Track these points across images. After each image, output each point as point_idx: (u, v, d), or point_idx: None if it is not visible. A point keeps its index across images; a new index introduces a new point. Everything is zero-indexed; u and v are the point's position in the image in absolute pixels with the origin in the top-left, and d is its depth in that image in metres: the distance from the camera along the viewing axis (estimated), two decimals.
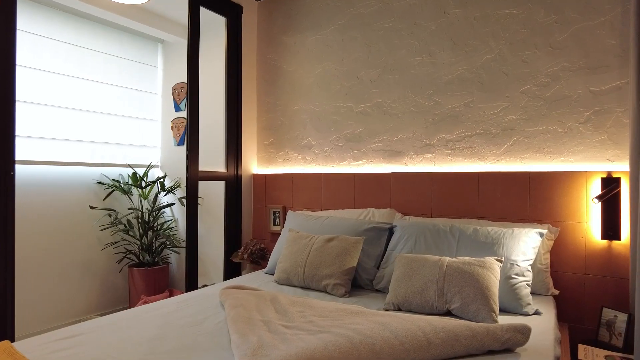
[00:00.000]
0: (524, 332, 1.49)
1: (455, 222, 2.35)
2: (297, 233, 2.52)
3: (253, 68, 3.45)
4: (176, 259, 3.88)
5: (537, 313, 1.90)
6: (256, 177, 3.42)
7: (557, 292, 2.14)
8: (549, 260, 2.17)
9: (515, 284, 1.95)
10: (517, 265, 2.00)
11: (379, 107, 2.89)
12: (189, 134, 2.89)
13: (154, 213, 3.69)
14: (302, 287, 2.32)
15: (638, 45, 1.85)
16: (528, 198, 2.34)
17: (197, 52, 2.93)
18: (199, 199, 3.60)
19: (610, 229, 2.10)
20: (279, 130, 3.36)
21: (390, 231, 2.48)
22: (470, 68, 2.56)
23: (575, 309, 2.19)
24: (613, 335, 1.93)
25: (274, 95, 3.38)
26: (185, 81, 3.77)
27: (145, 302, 3.25)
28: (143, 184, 3.63)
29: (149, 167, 3.85)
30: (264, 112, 3.44)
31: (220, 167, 3.34)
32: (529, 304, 1.92)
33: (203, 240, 3.70)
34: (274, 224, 3.29)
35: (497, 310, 1.78)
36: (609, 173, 2.14)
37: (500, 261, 1.96)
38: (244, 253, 3.12)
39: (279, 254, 2.64)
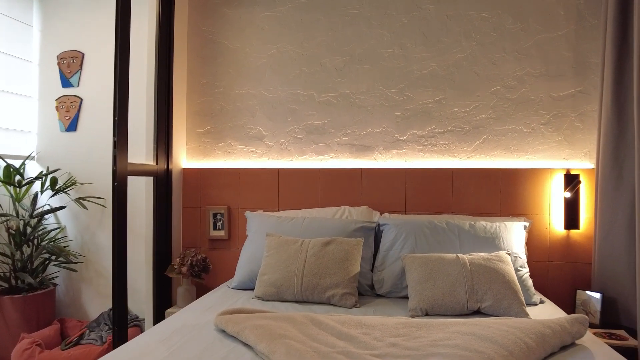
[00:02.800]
0: (584, 323, 1.52)
1: (444, 217, 2.32)
2: (280, 238, 2.14)
3: (184, 41, 2.84)
4: (65, 280, 2.96)
5: (542, 302, 2.00)
6: (187, 173, 2.83)
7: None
8: (526, 251, 2.32)
9: (522, 275, 2.02)
10: (519, 257, 2.08)
11: (345, 98, 2.69)
12: (119, 115, 2.20)
13: (33, 220, 2.73)
14: (298, 302, 1.97)
15: (615, 53, 2.11)
16: (499, 193, 2.47)
17: (128, 9, 2.25)
18: (99, 200, 2.83)
19: (571, 220, 2.36)
20: (218, 117, 2.85)
21: (376, 230, 2.32)
22: (442, 65, 2.58)
23: (543, 293, 2.40)
24: (589, 314, 2.17)
25: (212, 76, 2.85)
26: (78, 49, 2.94)
27: (34, 343, 2.37)
28: (19, 181, 2.64)
29: (27, 158, 2.84)
30: (198, 95, 2.87)
31: (141, 158, 2.65)
32: (534, 293, 2.01)
33: (104, 252, 2.90)
34: (215, 229, 2.77)
35: (525, 304, 1.80)
36: (568, 170, 2.41)
37: (509, 254, 2.00)
38: (182, 266, 2.54)
39: (253, 264, 2.20)
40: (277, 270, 2.00)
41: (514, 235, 2.15)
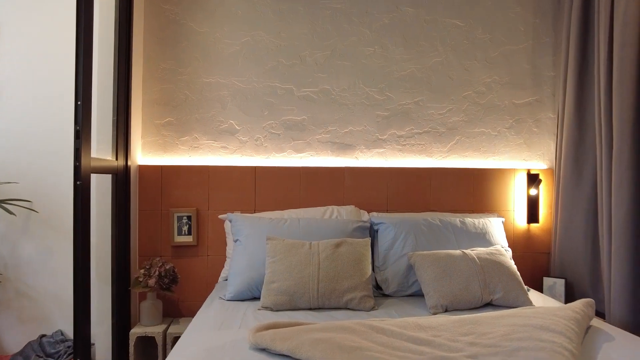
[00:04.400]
0: (593, 306, 1.69)
1: (433, 215, 2.37)
2: (285, 241, 1.97)
3: (140, 19, 2.46)
4: None
5: (528, 289, 2.17)
6: (145, 170, 2.45)
7: None
8: None
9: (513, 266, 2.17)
10: (507, 250, 2.23)
11: (326, 94, 2.60)
12: (82, 102, 1.80)
13: None
14: (313, 309, 1.83)
15: (576, 68, 2.39)
16: (472, 191, 2.64)
17: None
18: (24, 202, 2.33)
19: (532, 215, 2.62)
20: (181, 108, 2.52)
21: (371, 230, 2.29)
22: (421, 67, 2.66)
23: None
24: (555, 297, 2.42)
25: (174, 60, 2.51)
26: None
27: None
28: None
29: None
30: (157, 81, 2.51)
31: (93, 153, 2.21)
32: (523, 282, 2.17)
33: (29, 267, 2.37)
34: (180, 234, 2.45)
35: (527, 294, 1.93)
36: (528, 170, 2.67)
37: (504, 248, 2.13)
38: (149, 277, 2.18)
39: (252, 272, 1.97)
40: (289, 276, 1.83)
41: (498, 230, 2.30)
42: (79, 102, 1.79)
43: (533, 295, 2.10)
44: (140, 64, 2.45)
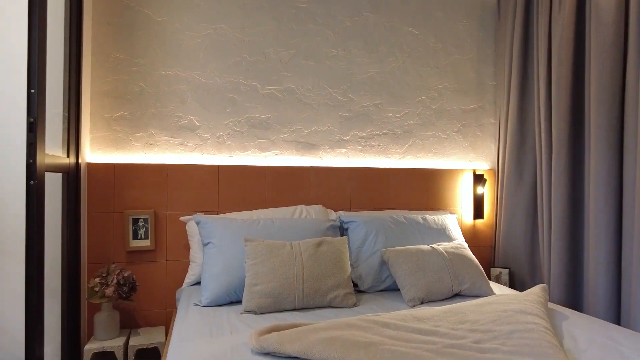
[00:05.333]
0: (546, 289, 1.90)
1: (395, 213, 2.48)
2: (265, 242, 1.92)
3: (89, 1, 2.22)
4: None
5: None
6: (94, 169, 2.22)
7: None
8: None
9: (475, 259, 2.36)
10: (460, 244, 2.42)
11: (291, 93, 2.58)
12: (38, 90, 1.58)
13: None
14: (297, 310, 1.81)
15: (519, 77, 2.67)
16: (426, 190, 2.81)
17: None
18: None
19: (478, 212, 2.87)
20: (136, 101, 2.33)
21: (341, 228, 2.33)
22: (380, 72, 2.76)
23: None
24: (501, 285, 2.68)
25: (129, 50, 2.31)
26: None
27: None
28: None
29: None
30: (108, 71, 2.29)
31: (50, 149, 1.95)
32: None
33: None
34: (136, 238, 2.26)
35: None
36: (474, 171, 2.92)
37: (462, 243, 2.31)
38: (107, 286, 1.99)
39: (229, 275, 1.89)
40: (273, 278, 1.79)
41: (454, 226, 2.49)
42: (32, 90, 1.57)
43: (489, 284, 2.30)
44: (89, 51, 2.21)
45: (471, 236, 2.91)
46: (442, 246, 2.17)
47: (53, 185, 1.93)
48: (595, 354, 1.38)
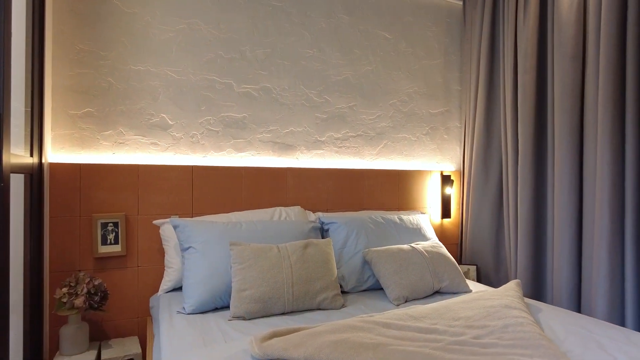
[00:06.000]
0: (519, 284, 2.03)
1: (372, 214, 2.52)
2: (252, 246, 1.87)
3: None
4: None
5: None
6: (57, 169, 2.05)
7: None
8: None
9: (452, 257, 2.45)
10: (436, 242, 2.51)
11: (267, 93, 2.54)
12: (2, 82, 1.43)
13: None
14: (286, 314, 1.79)
15: (486, 83, 2.81)
16: (397, 190, 2.88)
17: None
18: None
19: (445, 211, 2.99)
20: (104, 97, 2.18)
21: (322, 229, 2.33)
22: (354, 74, 2.79)
23: None
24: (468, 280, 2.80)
25: (94, 42, 2.16)
26: None
27: None
28: None
29: None
30: (72, 64, 2.12)
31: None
32: None
33: None
34: (105, 243, 2.11)
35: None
36: (441, 172, 3.04)
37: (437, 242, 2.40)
38: (76, 297, 1.84)
39: (215, 280, 1.81)
40: (263, 282, 1.75)
41: (427, 226, 2.57)
42: None
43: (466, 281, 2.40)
44: (49, 42, 2.03)
45: (439, 235, 3.02)
46: (420, 245, 2.23)
47: (16, 187, 1.76)
48: (573, 343, 1.49)
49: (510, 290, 1.84)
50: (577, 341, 1.50)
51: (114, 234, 2.13)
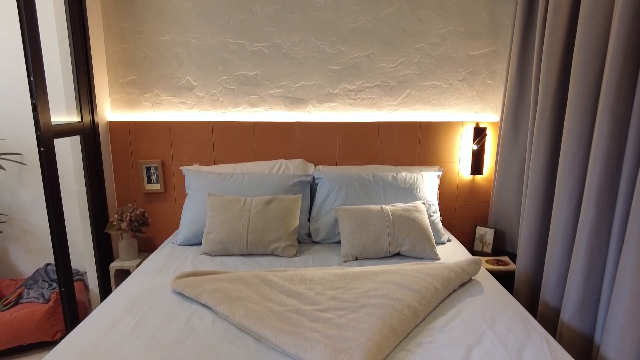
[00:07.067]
0: (478, 263, 1.91)
1: (370, 170, 2.56)
2: (223, 197, 2.25)
3: None
4: None
5: (449, 240, 2.41)
6: (114, 126, 2.71)
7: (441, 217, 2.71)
8: (438, 195, 2.68)
9: (434, 220, 2.38)
10: (432, 204, 2.43)
11: (278, 49, 2.67)
12: (34, 74, 2.01)
13: None
14: (243, 255, 2.16)
15: (523, 21, 2.34)
16: (418, 144, 2.76)
17: None
18: (15, 156, 2.68)
19: (476, 167, 2.75)
20: (142, 66, 2.69)
21: (311, 183, 2.52)
22: (372, 19, 2.64)
23: (449, 228, 2.85)
24: (484, 245, 2.65)
25: (132, 20, 2.63)
26: None
27: None
28: None
29: None
30: (117, 41, 2.65)
31: (63, 114, 2.48)
32: (444, 234, 2.40)
33: (29, 209, 2.80)
34: (150, 182, 2.77)
35: (435, 247, 2.17)
36: (477, 123, 2.73)
37: (424, 204, 2.33)
38: (122, 222, 2.56)
39: (197, 223, 2.30)
40: (223, 229, 2.14)
41: (428, 185, 2.47)
42: (31, 78, 2.02)
43: (450, 246, 2.33)
44: (100, 25, 2.59)
45: (468, 192, 2.82)
46: (393, 207, 2.24)
47: (75, 145, 2.48)
48: (459, 327, 1.47)
49: (445, 269, 1.79)
50: (462, 326, 1.47)
51: (155, 175, 2.77)
